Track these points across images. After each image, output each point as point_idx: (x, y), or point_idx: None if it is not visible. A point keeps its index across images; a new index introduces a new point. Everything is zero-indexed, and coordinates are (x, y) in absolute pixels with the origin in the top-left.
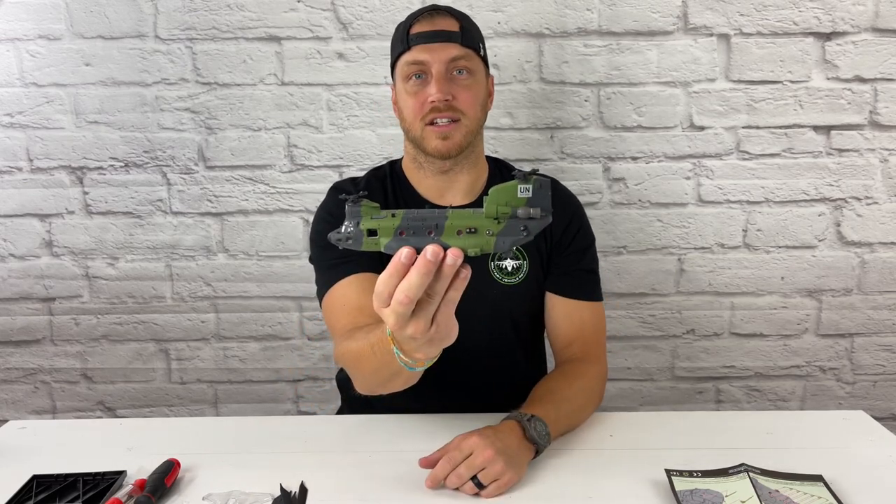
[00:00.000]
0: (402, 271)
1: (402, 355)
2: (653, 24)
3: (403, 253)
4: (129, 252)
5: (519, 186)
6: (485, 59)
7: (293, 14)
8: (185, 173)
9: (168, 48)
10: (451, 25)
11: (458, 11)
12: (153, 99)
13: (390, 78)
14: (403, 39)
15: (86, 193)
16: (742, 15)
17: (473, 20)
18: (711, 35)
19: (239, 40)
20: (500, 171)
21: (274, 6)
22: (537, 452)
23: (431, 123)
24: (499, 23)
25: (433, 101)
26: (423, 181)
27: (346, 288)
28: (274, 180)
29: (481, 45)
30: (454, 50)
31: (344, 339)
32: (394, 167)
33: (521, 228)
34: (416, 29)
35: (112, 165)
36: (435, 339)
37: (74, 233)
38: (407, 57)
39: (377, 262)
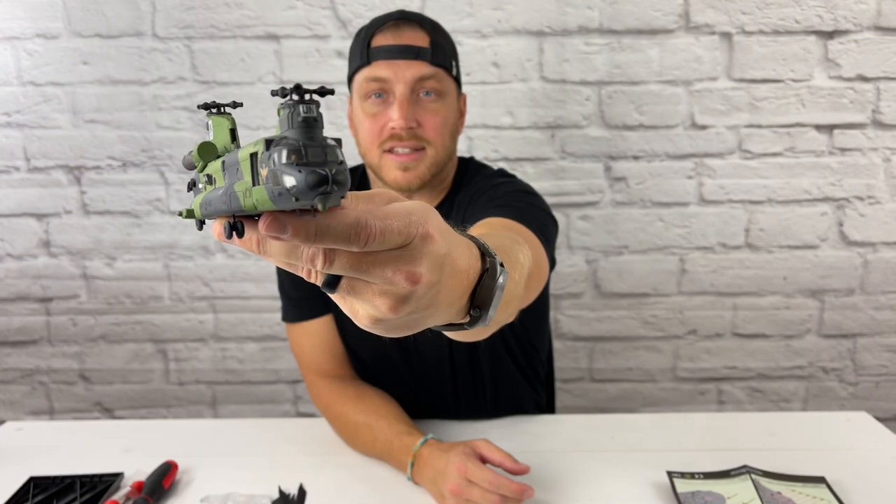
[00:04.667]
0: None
1: (410, 473)
2: (654, 22)
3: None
4: (127, 252)
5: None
6: (457, 78)
7: (292, 12)
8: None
9: (166, 46)
10: (420, 40)
11: (429, 21)
12: (151, 98)
13: (346, 90)
14: (363, 52)
15: (83, 193)
16: (744, 13)
17: (446, 32)
18: (713, 33)
19: (237, 39)
20: (467, 174)
21: (273, 4)
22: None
23: (390, 151)
24: (499, 21)
25: (394, 129)
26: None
27: (320, 327)
28: None
29: (454, 63)
30: (422, 68)
31: (330, 388)
32: (367, 171)
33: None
34: (378, 41)
35: (110, 165)
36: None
37: (72, 232)
38: (366, 72)
39: None
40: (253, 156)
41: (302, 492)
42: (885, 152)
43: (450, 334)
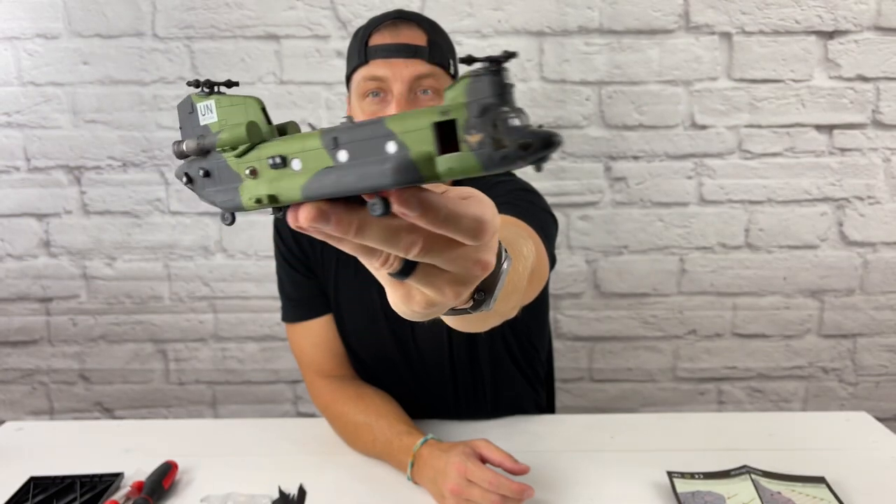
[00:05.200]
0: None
1: (410, 473)
2: (654, 22)
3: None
4: (127, 252)
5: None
6: (455, 77)
7: (292, 12)
8: None
9: (166, 47)
10: (418, 38)
11: (427, 20)
12: (151, 98)
13: (345, 90)
14: (361, 51)
15: (83, 193)
16: (744, 13)
17: (444, 31)
18: (713, 33)
19: (237, 39)
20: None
21: (273, 4)
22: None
23: None
24: (499, 21)
25: None
26: None
27: (320, 327)
28: None
29: (452, 62)
30: (419, 67)
31: (330, 388)
32: None
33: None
34: (376, 40)
35: (110, 165)
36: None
37: (72, 233)
38: (364, 71)
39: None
40: (441, 124)
41: (302, 492)
42: (884, 152)
43: (450, 321)
